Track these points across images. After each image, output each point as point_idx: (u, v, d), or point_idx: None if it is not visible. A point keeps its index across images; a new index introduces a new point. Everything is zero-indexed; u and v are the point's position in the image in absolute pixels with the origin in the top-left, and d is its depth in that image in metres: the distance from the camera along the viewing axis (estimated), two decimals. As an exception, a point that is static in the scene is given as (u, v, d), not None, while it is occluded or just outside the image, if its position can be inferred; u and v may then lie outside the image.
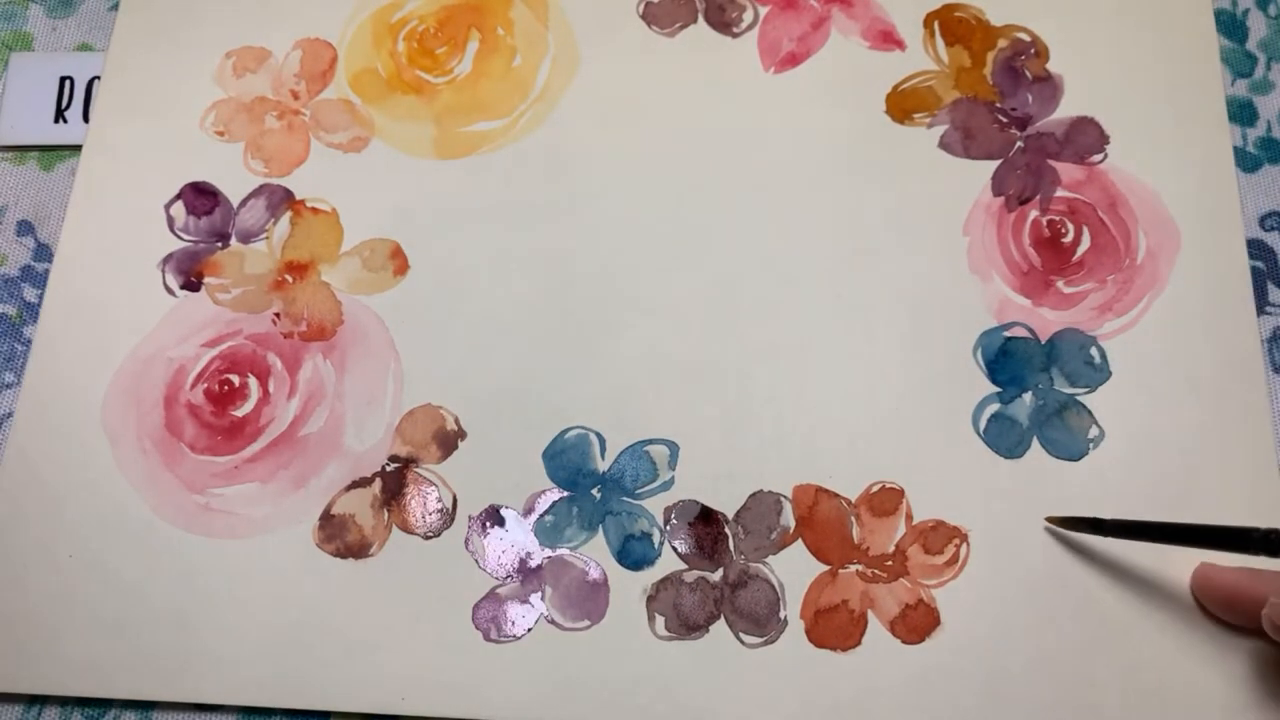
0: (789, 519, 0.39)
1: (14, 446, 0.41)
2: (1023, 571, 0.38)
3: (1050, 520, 0.39)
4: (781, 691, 0.37)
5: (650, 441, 0.41)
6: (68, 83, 0.46)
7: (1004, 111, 0.45)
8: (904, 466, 0.40)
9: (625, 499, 0.40)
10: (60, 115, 0.46)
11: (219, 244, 0.44)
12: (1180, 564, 0.38)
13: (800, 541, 0.39)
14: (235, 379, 0.41)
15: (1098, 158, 0.44)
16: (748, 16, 0.47)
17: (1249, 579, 0.36)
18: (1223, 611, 0.37)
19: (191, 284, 0.43)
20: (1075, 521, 0.38)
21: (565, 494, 0.40)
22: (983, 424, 0.40)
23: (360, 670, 0.38)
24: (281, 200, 0.44)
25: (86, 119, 0.46)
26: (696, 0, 0.47)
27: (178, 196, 0.44)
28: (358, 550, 0.39)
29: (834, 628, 0.38)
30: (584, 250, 0.43)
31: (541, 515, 0.40)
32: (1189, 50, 0.45)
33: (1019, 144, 0.44)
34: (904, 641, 0.38)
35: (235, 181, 0.45)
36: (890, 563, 0.39)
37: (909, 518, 0.39)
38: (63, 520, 0.40)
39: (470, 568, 0.39)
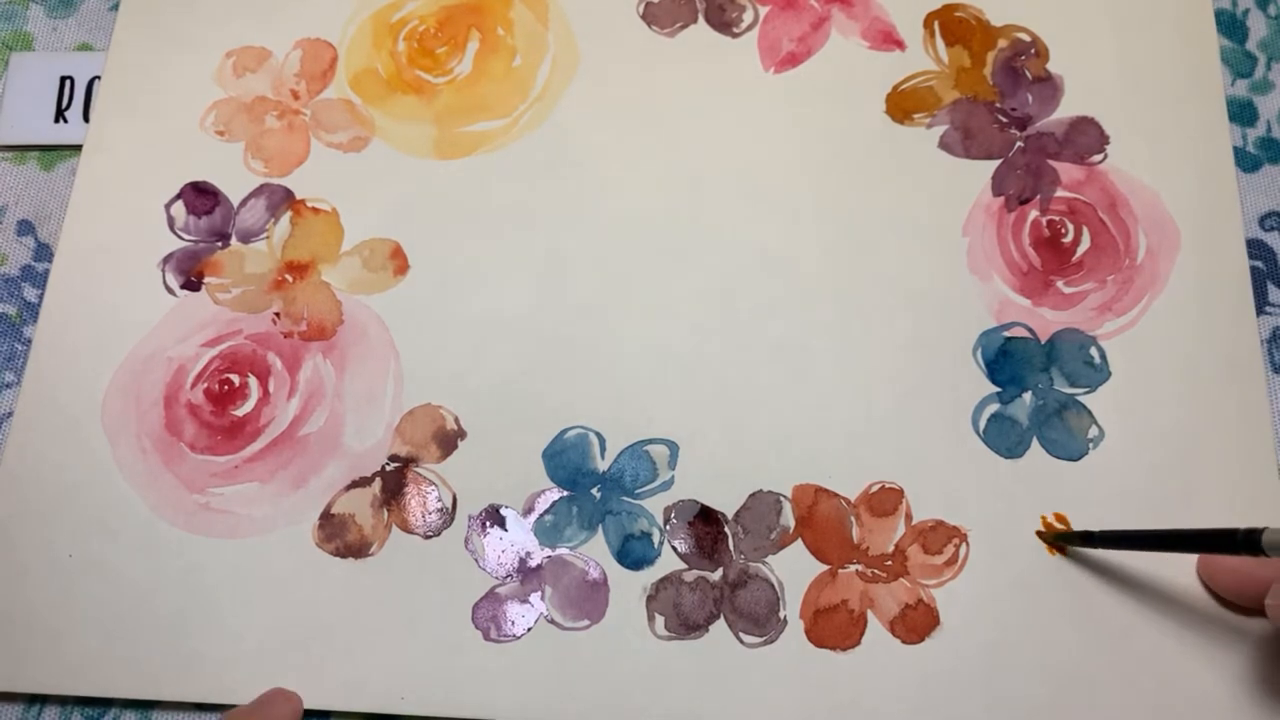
0: (789, 519, 0.39)
1: (14, 446, 0.41)
2: (1023, 571, 0.38)
3: (1040, 535, 0.39)
4: (781, 691, 0.37)
5: (650, 441, 0.41)
6: (68, 83, 0.46)
7: (1004, 111, 0.45)
8: (904, 466, 0.40)
9: (625, 499, 0.40)
10: (60, 115, 0.46)
11: (219, 244, 0.44)
12: (1179, 564, 0.38)
13: (800, 541, 0.39)
14: (235, 378, 0.41)
15: (1098, 158, 0.44)
16: (748, 16, 0.47)
17: (1254, 563, 0.36)
18: (1230, 594, 0.37)
19: (191, 283, 0.43)
20: (1066, 536, 0.38)
21: (565, 493, 0.40)
22: (982, 424, 0.40)
23: (360, 670, 0.38)
24: (282, 200, 0.44)
25: (86, 119, 0.46)
26: (696, 0, 0.47)
27: (178, 196, 0.44)
28: (358, 550, 0.39)
29: (833, 628, 0.38)
30: (584, 250, 0.43)
31: (541, 515, 0.40)
32: (1189, 50, 0.45)
33: (1019, 144, 0.45)
34: (903, 641, 0.38)
35: (235, 181, 0.45)
36: (890, 562, 0.39)
37: (908, 518, 0.39)
38: (62, 520, 0.40)
39: (470, 567, 0.39)
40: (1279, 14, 0.47)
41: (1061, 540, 0.38)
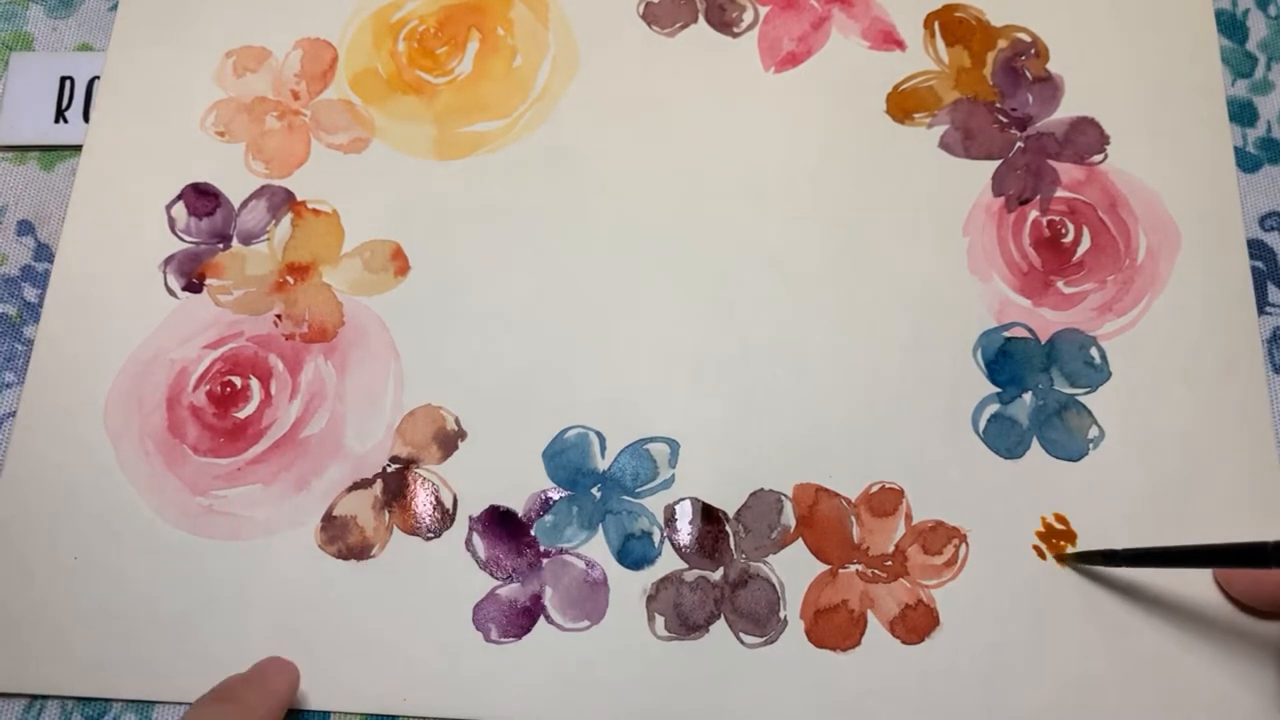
0: (789, 518, 0.40)
1: (16, 448, 0.41)
2: (1022, 571, 0.39)
3: (1063, 558, 0.39)
4: (781, 691, 0.37)
5: (650, 440, 0.41)
6: (68, 83, 0.46)
7: (1004, 111, 0.45)
8: (904, 466, 0.40)
9: (625, 498, 0.40)
10: (60, 115, 0.46)
11: (220, 245, 0.44)
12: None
13: (800, 541, 0.39)
14: (237, 381, 0.42)
15: (1098, 158, 0.44)
16: (748, 16, 0.47)
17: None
18: (1248, 596, 0.37)
19: (193, 285, 0.43)
20: (1088, 555, 0.38)
21: (565, 493, 0.40)
22: (982, 424, 0.40)
23: (361, 670, 0.38)
24: (282, 201, 0.44)
25: (86, 119, 0.46)
26: (697, 0, 0.47)
27: (179, 197, 0.44)
28: (359, 552, 0.39)
29: (834, 628, 0.38)
30: (584, 250, 0.43)
31: (541, 515, 0.40)
32: (1189, 50, 0.45)
33: (1019, 144, 0.45)
34: (903, 641, 0.38)
35: (236, 182, 0.44)
36: (890, 563, 0.39)
37: (908, 518, 0.39)
38: (66, 522, 0.40)
39: (470, 568, 0.39)
40: (1279, 14, 0.47)
41: (1082, 560, 0.38)
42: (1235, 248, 0.43)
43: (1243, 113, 0.45)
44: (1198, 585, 0.38)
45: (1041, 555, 0.39)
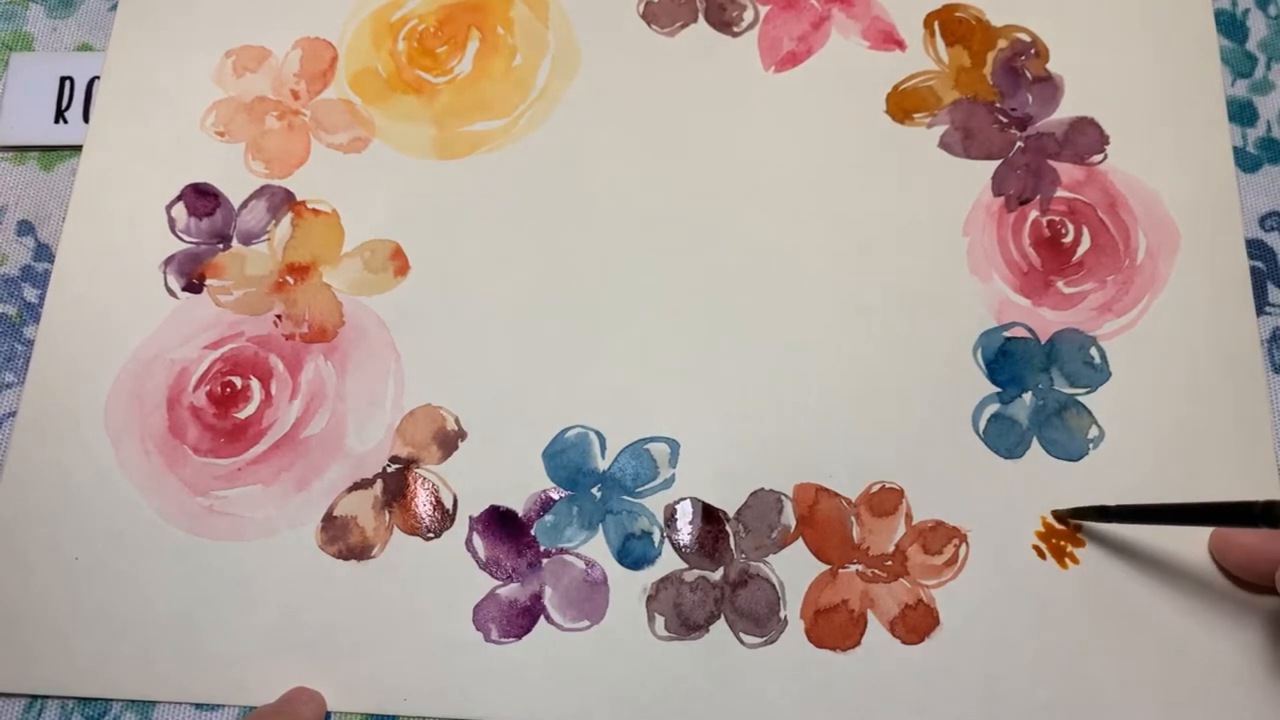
0: (790, 518, 0.40)
1: (18, 449, 0.41)
2: (1022, 571, 0.39)
3: (1055, 513, 0.39)
4: (781, 691, 0.37)
5: (650, 440, 0.41)
6: (68, 83, 0.46)
7: (1004, 111, 0.45)
8: (904, 466, 0.40)
9: (625, 498, 0.40)
10: (60, 115, 0.46)
11: (220, 245, 0.44)
12: (1178, 563, 0.38)
13: (800, 541, 0.39)
14: (237, 381, 0.42)
15: (1097, 158, 0.44)
16: (748, 16, 0.47)
17: (1266, 540, 0.36)
18: (1242, 571, 0.37)
19: (193, 285, 0.43)
20: (1081, 511, 0.38)
21: (565, 493, 0.40)
22: (982, 424, 0.41)
23: (361, 670, 0.38)
24: (282, 201, 0.44)
25: (86, 119, 0.46)
26: (697, 0, 0.47)
27: (179, 198, 0.44)
28: (360, 552, 0.39)
29: (834, 628, 0.38)
30: (584, 250, 0.43)
31: (541, 515, 0.40)
32: (1189, 50, 0.45)
33: (1019, 144, 0.45)
34: (903, 641, 0.38)
35: (236, 182, 0.45)
36: (890, 563, 0.39)
37: (908, 518, 0.39)
38: (67, 522, 0.40)
39: (470, 568, 0.39)
40: (1279, 14, 0.47)
41: (1076, 516, 0.38)
42: (1235, 248, 0.42)
43: (1243, 113, 0.45)
44: (1197, 583, 0.38)
45: (1041, 555, 0.39)
